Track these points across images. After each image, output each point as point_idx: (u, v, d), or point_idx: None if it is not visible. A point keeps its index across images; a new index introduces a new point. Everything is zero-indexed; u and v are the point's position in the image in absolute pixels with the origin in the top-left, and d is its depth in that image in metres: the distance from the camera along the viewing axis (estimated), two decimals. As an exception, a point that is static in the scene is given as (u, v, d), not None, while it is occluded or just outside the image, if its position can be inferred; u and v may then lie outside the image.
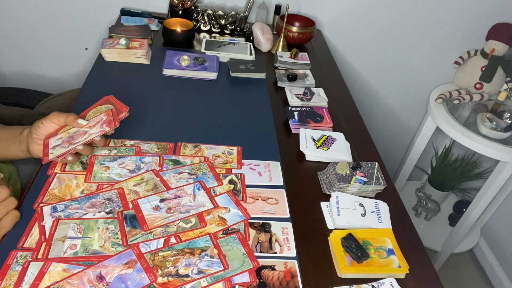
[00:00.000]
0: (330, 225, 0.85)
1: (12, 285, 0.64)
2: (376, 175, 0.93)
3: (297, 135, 1.07)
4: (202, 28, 1.59)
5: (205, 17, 1.57)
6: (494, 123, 1.53)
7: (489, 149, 1.49)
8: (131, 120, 1.06)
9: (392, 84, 1.98)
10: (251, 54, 1.43)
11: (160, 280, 0.67)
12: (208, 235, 0.76)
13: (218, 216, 0.81)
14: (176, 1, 1.54)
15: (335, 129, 1.14)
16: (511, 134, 1.53)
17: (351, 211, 0.86)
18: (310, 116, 1.15)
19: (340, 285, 0.73)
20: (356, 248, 0.77)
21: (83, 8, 1.71)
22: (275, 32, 1.66)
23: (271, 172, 0.95)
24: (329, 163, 0.97)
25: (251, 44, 1.50)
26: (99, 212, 0.78)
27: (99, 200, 0.80)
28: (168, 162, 0.92)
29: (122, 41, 1.30)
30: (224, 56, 1.40)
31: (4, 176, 1.11)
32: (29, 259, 0.68)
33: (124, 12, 1.60)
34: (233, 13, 1.58)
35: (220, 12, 1.57)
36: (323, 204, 0.90)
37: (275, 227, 0.81)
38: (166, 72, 1.28)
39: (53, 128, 0.84)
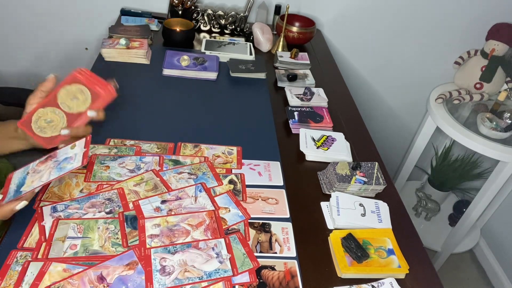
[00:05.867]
0: (330, 225, 0.85)
1: (12, 285, 0.64)
2: (376, 175, 0.93)
3: (297, 135, 1.07)
4: (202, 28, 1.59)
5: (205, 17, 1.57)
6: (494, 123, 1.53)
7: (489, 149, 1.49)
8: (131, 120, 1.06)
9: (392, 84, 1.98)
10: (251, 54, 1.43)
11: (160, 280, 0.67)
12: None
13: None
14: (176, 1, 1.54)
15: (335, 129, 1.14)
16: (511, 134, 1.53)
17: (351, 211, 0.86)
18: (310, 116, 1.15)
19: (340, 285, 0.73)
20: (356, 248, 0.77)
21: (83, 8, 1.71)
22: (275, 32, 1.66)
23: (271, 172, 0.95)
24: (329, 163, 0.97)
25: (251, 44, 1.50)
26: (99, 212, 0.78)
27: (99, 200, 0.80)
28: (168, 162, 0.92)
29: (122, 41, 1.30)
30: (224, 56, 1.40)
31: (1, 174, 1.11)
32: (29, 259, 0.68)
33: (124, 12, 1.60)
34: (233, 13, 1.58)
35: (220, 12, 1.57)
36: (323, 204, 0.90)
37: (275, 227, 0.81)
38: (166, 72, 1.28)
39: (28, 114, 0.79)
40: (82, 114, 0.79)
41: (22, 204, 0.70)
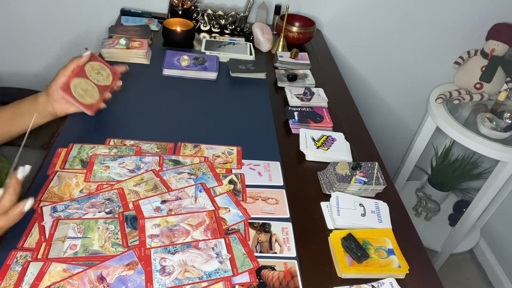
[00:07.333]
0: (330, 225, 0.85)
1: (12, 285, 0.64)
2: (376, 175, 0.93)
3: (297, 135, 1.07)
4: (202, 28, 1.59)
5: (205, 17, 1.57)
6: (494, 123, 1.53)
7: (489, 149, 1.49)
8: (131, 120, 1.06)
9: (392, 84, 1.98)
10: (251, 54, 1.43)
11: (160, 280, 0.67)
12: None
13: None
14: (176, 1, 1.54)
15: (335, 129, 1.14)
16: (511, 134, 1.53)
17: (351, 211, 0.86)
18: (310, 116, 1.15)
19: (340, 285, 0.73)
20: (356, 248, 0.77)
21: (83, 8, 1.71)
22: (275, 32, 1.66)
23: (271, 172, 0.95)
24: (329, 163, 0.97)
25: (251, 44, 1.50)
26: (99, 212, 0.78)
27: (99, 200, 0.80)
28: (168, 162, 0.92)
29: (122, 41, 1.30)
30: (224, 56, 1.40)
31: (2, 174, 1.11)
32: (29, 259, 0.68)
33: (124, 12, 1.60)
34: (233, 13, 1.58)
35: (220, 12, 1.57)
36: (323, 204, 0.90)
37: (275, 227, 0.81)
38: (166, 72, 1.28)
39: (66, 80, 0.91)
40: (108, 87, 0.98)
41: (29, 203, 0.68)
